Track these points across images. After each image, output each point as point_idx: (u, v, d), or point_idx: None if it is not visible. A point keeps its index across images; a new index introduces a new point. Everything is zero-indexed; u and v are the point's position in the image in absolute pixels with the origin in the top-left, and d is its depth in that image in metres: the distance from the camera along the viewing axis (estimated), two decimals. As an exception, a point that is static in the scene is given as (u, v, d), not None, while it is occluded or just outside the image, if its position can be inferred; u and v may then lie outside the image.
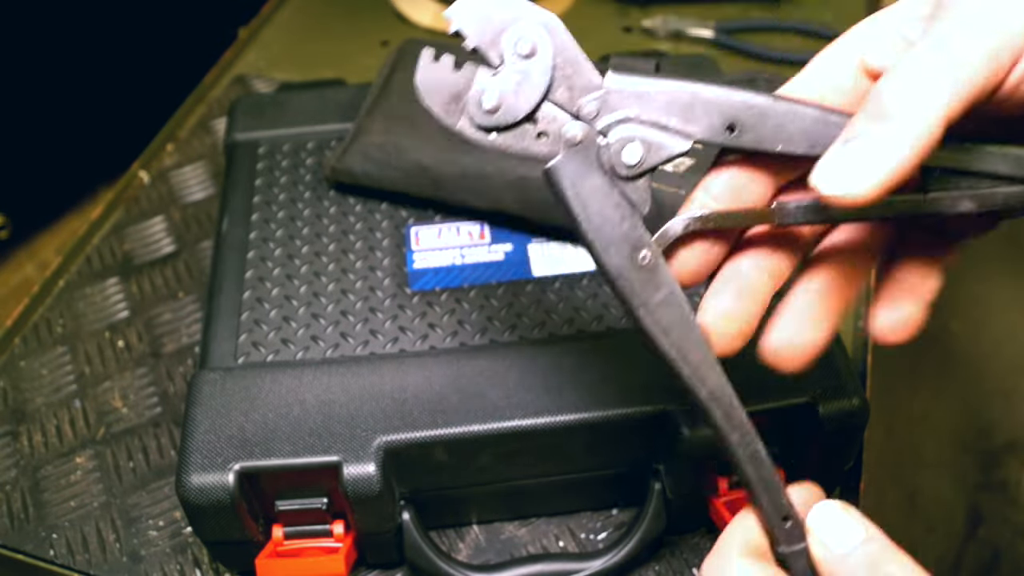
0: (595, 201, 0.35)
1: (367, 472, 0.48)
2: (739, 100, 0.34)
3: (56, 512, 0.58)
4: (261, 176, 0.66)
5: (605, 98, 0.34)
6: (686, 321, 0.35)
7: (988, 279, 1.52)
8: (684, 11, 0.95)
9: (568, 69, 0.34)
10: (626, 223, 0.35)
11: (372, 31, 0.96)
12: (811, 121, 0.34)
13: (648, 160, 0.35)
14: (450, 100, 0.35)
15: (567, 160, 0.35)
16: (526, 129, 0.35)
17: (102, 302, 0.71)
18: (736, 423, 0.35)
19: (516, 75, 0.34)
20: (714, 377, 0.35)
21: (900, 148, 0.29)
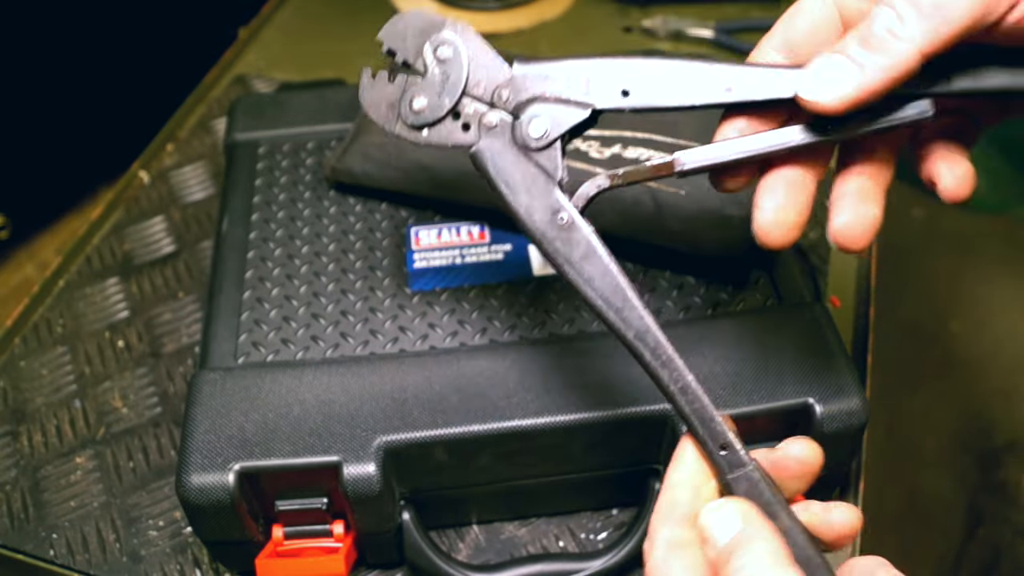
0: (514, 174, 0.39)
1: (367, 472, 0.48)
2: (628, 66, 0.39)
3: (56, 512, 0.58)
4: (261, 176, 0.66)
5: (514, 84, 0.40)
6: (607, 271, 0.38)
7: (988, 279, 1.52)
8: (684, 11, 0.95)
9: (482, 66, 0.40)
10: (543, 190, 0.39)
11: (372, 31, 0.95)
12: (694, 74, 0.38)
13: (553, 132, 0.39)
14: (388, 109, 0.41)
15: (487, 143, 0.40)
16: (451, 124, 0.40)
17: (102, 302, 0.71)
18: (664, 360, 0.38)
19: (439, 77, 0.40)
20: (638, 319, 0.38)
21: (874, 74, 0.34)
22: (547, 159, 0.39)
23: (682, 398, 0.38)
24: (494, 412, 0.50)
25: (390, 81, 0.41)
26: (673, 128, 0.60)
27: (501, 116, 0.40)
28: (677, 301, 0.56)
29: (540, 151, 0.39)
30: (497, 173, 0.40)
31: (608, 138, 0.59)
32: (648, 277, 0.58)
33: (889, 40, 0.34)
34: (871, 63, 0.34)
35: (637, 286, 0.39)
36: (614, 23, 0.96)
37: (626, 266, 0.58)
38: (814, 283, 0.67)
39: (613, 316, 0.38)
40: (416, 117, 0.40)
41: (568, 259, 0.39)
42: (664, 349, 0.38)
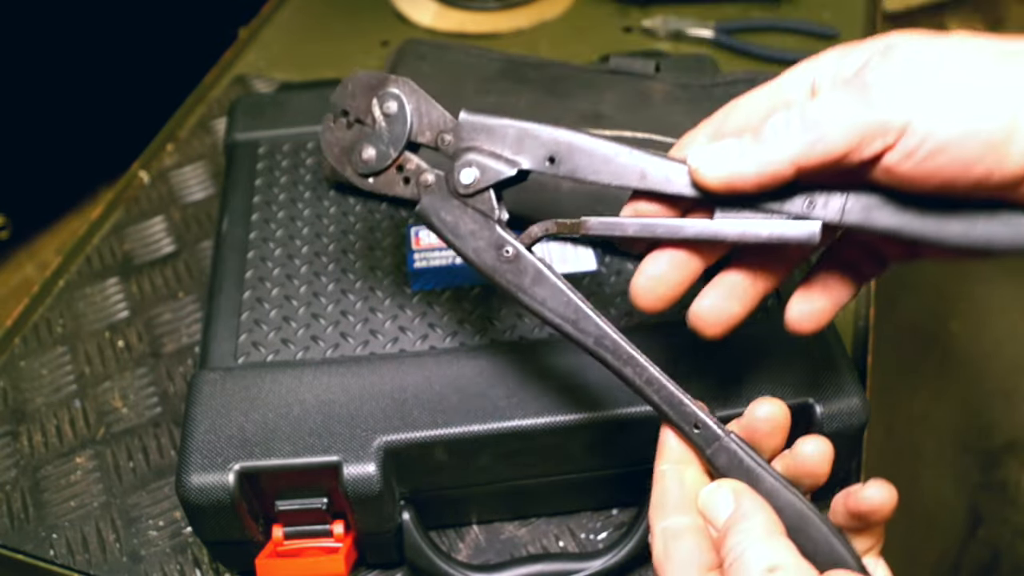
0: (456, 221, 0.43)
1: (367, 472, 0.48)
2: (558, 137, 0.42)
3: (56, 512, 0.58)
4: (261, 176, 0.66)
5: (458, 130, 0.43)
6: (558, 290, 0.42)
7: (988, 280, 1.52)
8: (684, 11, 0.95)
9: (426, 115, 0.44)
10: (485, 230, 0.43)
11: (372, 31, 0.96)
12: (615, 155, 0.41)
13: (482, 181, 0.43)
14: (342, 153, 0.45)
15: (427, 200, 0.44)
16: (394, 175, 0.44)
17: (102, 302, 0.71)
18: (626, 358, 0.41)
19: (385, 129, 0.44)
20: (594, 327, 0.41)
21: (748, 165, 0.37)
22: (482, 203, 0.43)
23: (649, 390, 0.40)
24: (494, 412, 0.50)
25: (347, 128, 0.45)
26: (675, 128, 0.60)
27: (436, 175, 0.44)
28: (677, 301, 0.56)
29: (473, 196, 0.43)
30: (442, 225, 0.43)
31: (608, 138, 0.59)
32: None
33: (771, 139, 0.36)
34: (751, 154, 0.37)
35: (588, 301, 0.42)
36: (614, 23, 0.96)
37: (627, 267, 0.58)
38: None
39: (571, 329, 0.41)
40: (364, 166, 0.44)
41: (519, 287, 0.42)
42: (623, 349, 0.41)
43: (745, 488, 0.38)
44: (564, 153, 0.42)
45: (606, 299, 0.56)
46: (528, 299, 0.42)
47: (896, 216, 0.37)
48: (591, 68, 0.67)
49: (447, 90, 0.66)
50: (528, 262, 0.42)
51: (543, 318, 0.42)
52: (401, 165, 0.44)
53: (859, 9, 0.95)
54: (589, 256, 0.59)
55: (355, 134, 0.45)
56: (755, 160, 0.37)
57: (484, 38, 0.94)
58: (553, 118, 0.61)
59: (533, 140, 0.42)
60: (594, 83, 0.65)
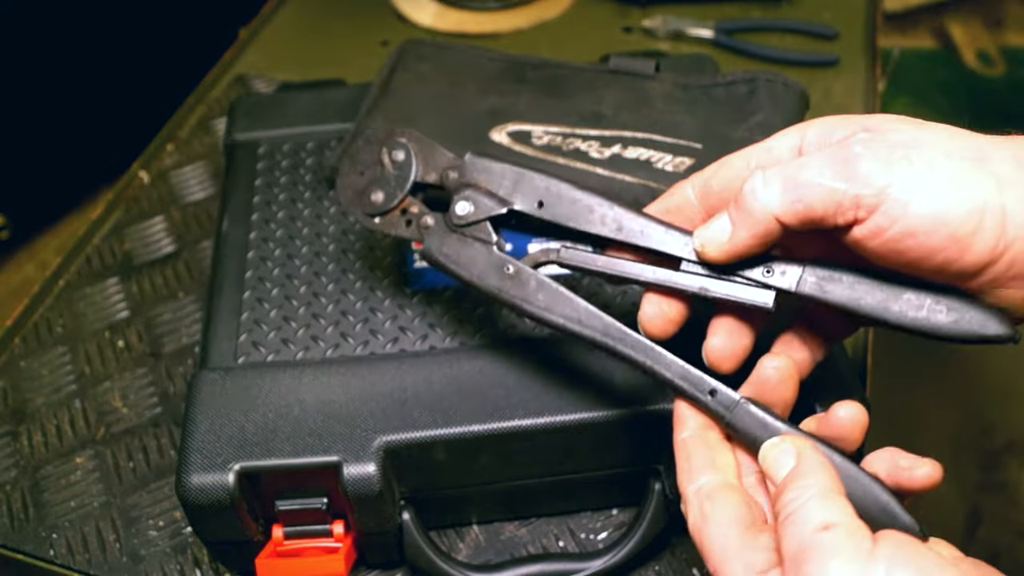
0: (458, 253, 0.47)
1: (367, 472, 0.48)
2: (549, 186, 0.46)
3: (56, 512, 0.58)
4: (261, 176, 0.66)
5: (462, 168, 0.48)
6: (558, 293, 0.44)
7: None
8: (684, 11, 0.94)
9: (432, 158, 0.49)
10: (485, 254, 0.46)
11: (372, 31, 0.96)
12: (597, 207, 0.44)
13: (474, 216, 0.47)
14: (354, 196, 0.50)
15: (430, 241, 0.48)
16: (398, 217, 0.49)
17: (102, 302, 0.71)
18: (632, 343, 0.43)
19: (392, 176, 0.49)
20: (599, 322, 0.43)
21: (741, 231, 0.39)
22: (480, 232, 0.47)
23: (660, 367, 0.42)
24: (494, 412, 0.50)
25: (361, 175, 0.50)
26: (675, 128, 0.60)
27: (436, 217, 0.48)
28: (677, 301, 0.56)
29: (469, 227, 0.47)
30: (446, 259, 0.47)
31: (608, 138, 0.59)
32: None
33: (750, 200, 0.38)
34: (739, 221, 0.39)
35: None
36: (614, 23, 0.96)
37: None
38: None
39: (577, 327, 0.44)
40: (372, 207, 0.49)
41: (524, 299, 0.45)
42: (630, 336, 0.43)
43: (808, 445, 0.37)
44: (552, 200, 0.45)
45: (606, 299, 0.56)
46: (534, 308, 0.45)
47: (849, 291, 0.39)
48: (591, 68, 0.67)
49: (447, 90, 0.66)
50: (529, 274, 0.45)
51: (550, 323, 0.44)
52: (405, 208, 0.49)
53: (859, 9, 0.95)
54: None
55: (367, 180, 0.49)
56: (745, 225, 0.39)
57: (484, 38, 0.94)
58: (553, 118, 0.62)
59: (527, 185, 0.46)
60: (594, 83, 0.65)
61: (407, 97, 0.66)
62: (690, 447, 0.40)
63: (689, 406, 0.41)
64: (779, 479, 0.36)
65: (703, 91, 0.63)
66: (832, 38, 0.90)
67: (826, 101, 0.84)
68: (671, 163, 0.57)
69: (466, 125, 0.62)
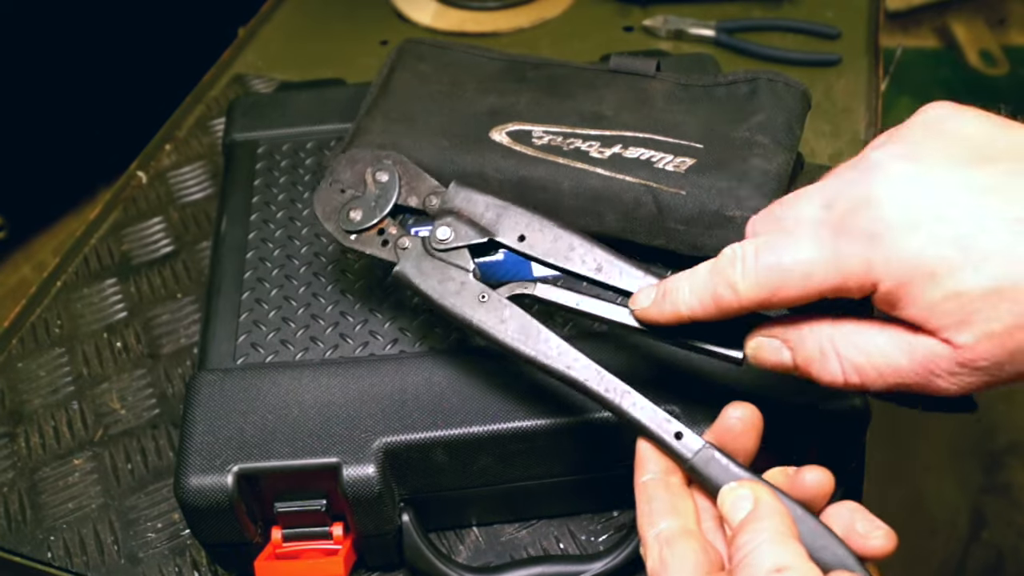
0: (433, 276, 0.47)
1: (366, 474, 0.47)
2: (531, 221, 0.47)
3: (54, 514, 0.58)
4: (260, 176, 0.66)
5: (445, 195, 0.49)
6: (530, 325, 0.44)
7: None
8: (685, 10, 0.94)
9: (415, 181, 0.50)
10: (460, 281, 0.46)
11: (371, 30, 0.96)
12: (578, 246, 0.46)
13: (455, 241, 0.47)
14: (331, 211, 0.50)
15: (405, 261, 0.48)
16: (375, 237, 0.49)
17: (100, 303, 0.70)
18: (607, 383, 0.43)
19: (374, 196, 0.50)
20: (569, 357, 0.43)
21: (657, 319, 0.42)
22: (458, 258, 0.47)
23: (632, 409, 0.42)
24: (494, 413, 0.49)
25: (341, 193, 0.51)
26: (676, 128, 0.59)
27: (413, 239, 0.48)
28: (678, 301, 0.56)
29: (447, 252, 0.47)
30: (422, 281, 0.47)
31: (609, 138, 0.59)
32: (649, 277, 0.57)
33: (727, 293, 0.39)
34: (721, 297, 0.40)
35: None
36: (615, 22, 0.95)
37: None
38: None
39: (546, 361, 0.44)
40: (349, 224, 0.50)
41: (496, 328, 0.45)
42: (605, 376, 0.43)
43: (765, 491, 0.38)
44: (534, 235, 0.47)
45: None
46: (507, 337, 0.44)
47: None
48: (592, 67, 0.66)
49: (447, 90, 0.66)
50: (503, 304, 0.45)
51: (520, 354, 0.44)
52: (383, 229, 0.49)
53: (862, 8, 0.94)
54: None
55: (348, 197, 0.50)
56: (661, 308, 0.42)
57: (484, 37, 0.94)
58: (553, 117, 0.61)
59: (510, 218, 0.47)
60: (595, 83, 0.64)
61: (407, 97, 0.65)
62: (651, 490, 0.40)
63: (652, 448, 0.41)
64: (735, 522, 0.37)
65: (704, 91, 0.62)
66: (834, 37, 0.90)
67: (828, 100, 0.84)
68: (672, 163, 0.57)
69: (466, 125, 0.62)
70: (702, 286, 0.40)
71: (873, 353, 0.37)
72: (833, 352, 0.38)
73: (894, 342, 0.37)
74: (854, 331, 0.38)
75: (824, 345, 0.39)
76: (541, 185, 0.57)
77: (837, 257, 0.37)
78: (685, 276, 0.41)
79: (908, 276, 0.35)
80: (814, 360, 0.39)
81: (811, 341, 0.39)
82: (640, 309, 0.43)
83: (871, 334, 0.38)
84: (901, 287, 0.35)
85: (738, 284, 0.39)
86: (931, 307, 0.35)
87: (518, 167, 0.58)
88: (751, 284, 0.39)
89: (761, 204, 0.54)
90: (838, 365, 0.38)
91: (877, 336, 0.37)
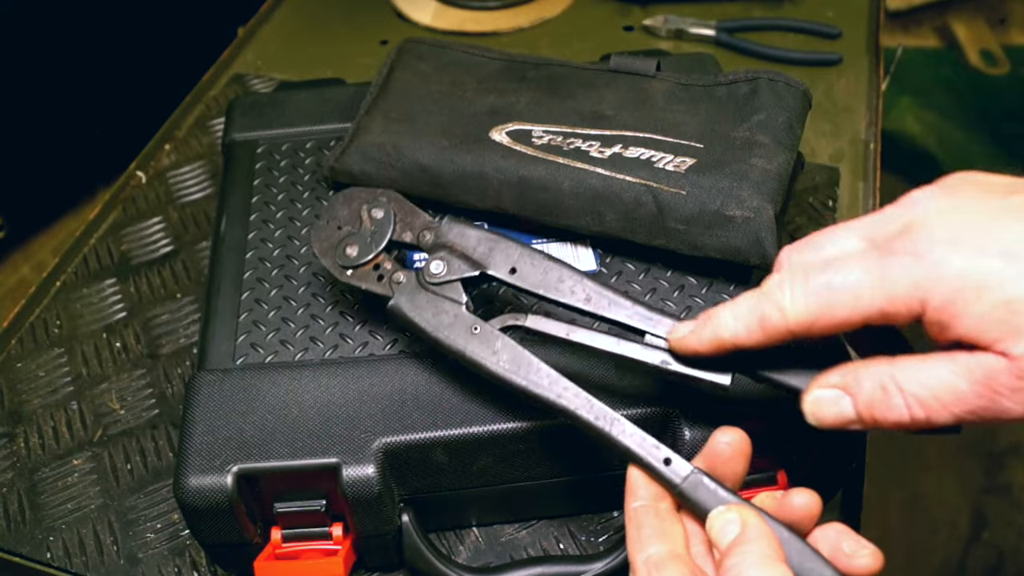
0: (428, 310, 0.48)
1: (366, 474, 0.47)
2: (523, 254, 0.48)
3: (53, 514, 0.58)
4: (259, 176, 0.65)
5: (438, 231, 0.50)
6: (522, 355, 0.45)
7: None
8: (685, 10, 0.94)
9: (409, 217, 0.51)
10: (454, 313, 0.47)
11: (371, 30, 0.96)
12: (568, 278, 0.47)
13: (448, 275, 0.48)
14: (328, 247, 0.51)
15: (400, 295, 0.49)
16: (370, 272, 0.50)
17: (99, 303, 0.70)
18: (598, 412, 0.43)
19: (369, 232, 0.51)
20: (561, 387, 0.44)
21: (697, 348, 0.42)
22: (451, 291, 0.48)
23: (622, 437, 0.42)
24: (494, 413, 0.49)
25: (338, 228, 0.51)
26: (676, 128, 0.59)
27: (407, 274, 0.49)
28: (678, 302, 0.56)
29: (441, 286, 0.48)
30: (416, 314, 0.48)
31: (609, 137, 0.59)
32: (649, 277, 0.57)
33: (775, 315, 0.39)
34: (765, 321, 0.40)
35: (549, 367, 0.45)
36: (615, 22, 0.95)
37: (627, 267, 0.58)
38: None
39: (538, 391, 0.44)
40: (345, 259, 0.51)
41: (488, 359, 0.46)
42: (596, 405, 0.43)
43: (753, 514, 0.38)
44: (525, 268, 0.47)
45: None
46: (498, 368, 0.45)
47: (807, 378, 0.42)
48: (592, 67, 0.66)
49: (447, 89, 0.66)
50: (495, 335, 0.46)
51: (512, 384, 0.45)
52: (378, 264, 0.50)
53: (862, 7, 0.94)
54: (589, 256, 0.59)
55: (344, 233, 0.51)
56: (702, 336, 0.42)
57: (484, 37, 0.94)
58: (553, 117, 0.61)
59: (502, 252, 0.48)
60: (595, 82, 0.64)
61: (406, 96, 0.65)
62: (641, 516, 0.41)
63: (642, 475, 0.42)
64: (723, 546, 0.38)
65: (704, 90, 0.62)
66: (835, 37, 0.90)
67: (828, 100, 0.83)
68: (672, 163, 0.57)
69: (466, 124, 0.62)
70: (746, 311, 0.40)
71: (934, 384, 0.37)
72: (895, 388, 0.38)
73: (952, 368, 0.36)
74: (911, 364, 0.38)
75: (885, 382, 0.38)
76: (541, 185, 0.57)
77: (884, 277, 0.37)
78: (726, 305, 0.41)
79: (957, 290, 0.35)
80: (876, 401, 0.38)
81: (870, 382, 0.38)
82: (678, 338, 0.43)
83: (928, 365, 0.37)
84: (950, 303, 0.35)
85: (786, 306, 0.39)
86: (982, 319, 0.35)
87: (518, 167, 0.58)
88: (800, 306, 0.39)
89: (761, 204, 0.54)
90: (902, 401, 0.37)
91: (934, 366, 0.37)
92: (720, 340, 0.41)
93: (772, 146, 0.57)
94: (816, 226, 0.72)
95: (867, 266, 0.37)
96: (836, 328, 0.38)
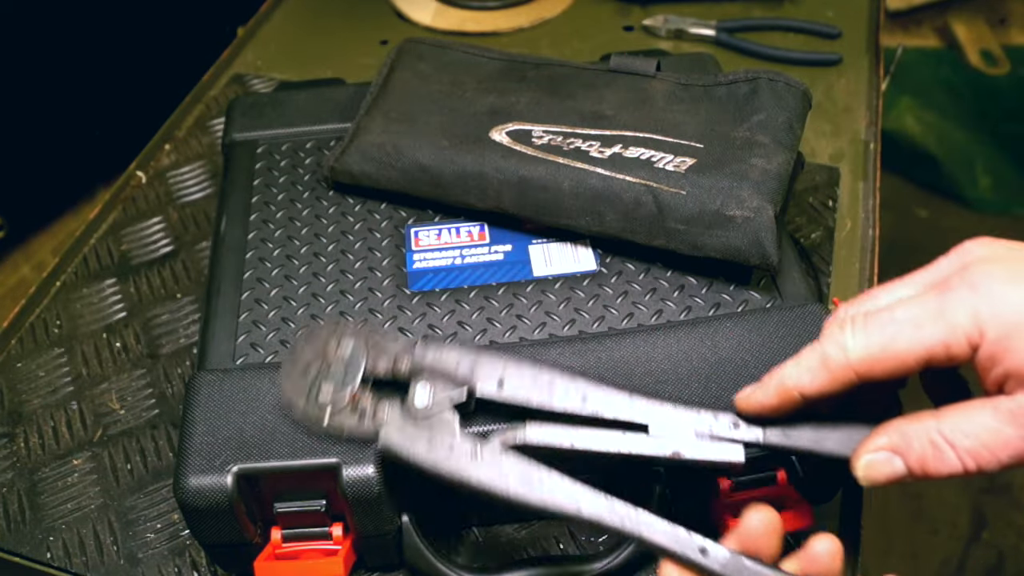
0: (421, 443, 0.45)
1: (366, 474, 0.47)
2: (507, 364, 0.46)
3: (53, 515, 0.58)
4: (259, 176, 0.65)
5: (414, 355, 0.47)
6: (534, 472, 0.43)
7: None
8: (685, 10, 0.94)
9: (383, 347, 0.48)
10: (450, 444, 0.44)
11: (371, 30, 0.96)
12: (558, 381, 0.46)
13: (435, 406, 0.46)
14: (299, 397, 0.47)
15: (387, 433, 0.45)
16: (349, 413, 0.47)
17: (99, 303, 0.70)
18: (620, 513, 0.41)
19: (340, 373, 0.47)
20: (579, 498, 0.42)
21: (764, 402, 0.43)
22: (442, 419, 0.45)
23: (647, 532, 0.41)
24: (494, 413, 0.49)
25: (304, 374, 0.48)
26: (676, 128, 0.59)
27: (391, 405, 0.46)
28: (678, 302, 0.56)
29: (430, 417, 0.46)
30: (409, 451, 0.45)
31: (609, 137, 0.59)
32: (649, 277, 0.57)
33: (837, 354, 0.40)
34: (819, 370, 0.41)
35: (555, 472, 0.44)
36: (615, 22, 0.95)
37: (627, 267, 0.58)
38: (816, 284, 0.67)
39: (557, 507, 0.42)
40: (320, 407, 0.47)
41: (497, 485, 0.43)
42: (618, 506, 0.42)
43: None
44: (512, 378, 0.46)
45: (607, 299, 0.56)
46: (509, 494, 0.43)
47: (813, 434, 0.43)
48: (592, 67, 0.66)
49: (447, 89, 0.66)
50: (497, 456, 0.44)
51: (529, 506, 0.43)
52: (356, 403, 0.47)
53: (862, 7, 0.94)
54: (589, 256, 0.59)
55: (313, 377, 0.48)
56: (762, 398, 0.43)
57: (484, 37, 0.94)
58: (553, 117, 0.61)
59: (485, 367, 0.46)
60: (595, 82, 0.64)
61: (406, 96, 0.65)
62: None
63: (674, 567, 0.40)
64: None
65: (704, 90, 0.62)
66: (835, 37, 0.90)
67: (828, 100, 0.83)
68: (672, 162, 0.57)
69: (466, 124, 0.62)
70: (808, 357, 0.41)
71: (980, 433, 0.37)
72: (945, 443, 0.38)
73: (998, 414, 0.37)
74: (957, 415, 0.38)
75: (934, 438, 0.38)
76: (541, 185, 0.57)
77: (943, 309, 0.38)
78: (789, 361, 0.42)
79: (1014, 324, 0.36)
80: (927, 457, 0.38)
81: (918, 439, 0.39)
82: (744, 397, 0.44)
83: (974, 414, 0.38)
84: (1006, 337, 0.36)
85: (848, 344, 0.39)
86: None
87: (518, 167, 0.58)
88: (861, 342, 0.39)
89: (761, 204, 0.54)
90: (954, 455, 0.38)
91: (980, 415, 0.37)
92: (785, 388, 0.41)
93: (772, 146, 0.57)
94: (816, 226, 0.72)
95: (926, 302, 0.38)
96: (899, 367, 0.39)
